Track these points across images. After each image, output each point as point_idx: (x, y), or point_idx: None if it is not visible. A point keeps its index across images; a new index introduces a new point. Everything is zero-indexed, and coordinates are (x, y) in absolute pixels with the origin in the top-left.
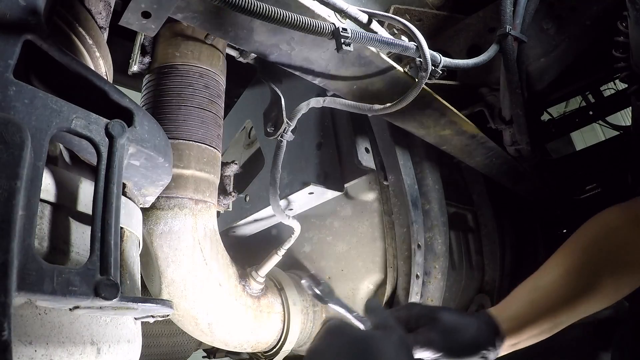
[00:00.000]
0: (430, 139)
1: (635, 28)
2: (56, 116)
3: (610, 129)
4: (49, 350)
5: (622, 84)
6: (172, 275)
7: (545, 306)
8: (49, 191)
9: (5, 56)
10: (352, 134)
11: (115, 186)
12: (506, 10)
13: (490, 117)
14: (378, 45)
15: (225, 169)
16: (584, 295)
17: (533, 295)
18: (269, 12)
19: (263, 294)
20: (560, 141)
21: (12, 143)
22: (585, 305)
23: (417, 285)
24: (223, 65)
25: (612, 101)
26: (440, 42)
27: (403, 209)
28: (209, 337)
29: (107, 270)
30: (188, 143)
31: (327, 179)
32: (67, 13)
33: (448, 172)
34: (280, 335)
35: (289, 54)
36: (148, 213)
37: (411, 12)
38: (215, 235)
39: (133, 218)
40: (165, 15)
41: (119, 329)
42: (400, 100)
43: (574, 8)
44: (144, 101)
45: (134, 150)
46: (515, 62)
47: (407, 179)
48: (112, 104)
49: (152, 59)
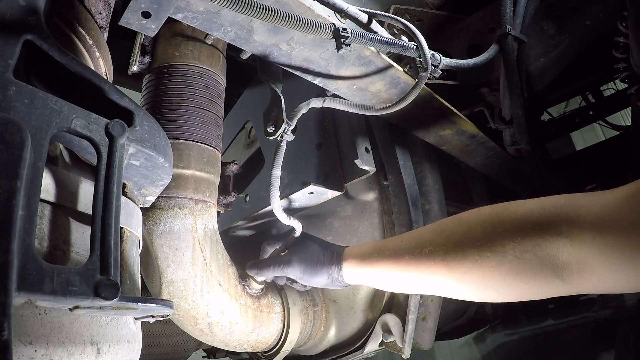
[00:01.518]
0: (430, 139)
1: (635, 28)
2: (56, 116)
3: (610, 129)
4: (49, 350)
5: (622, 84)
6: (172, 275)
7: (378, 255)
8: (49, 191)
9: (5, 56)
10: (352, 134)
11: (115, 186)
12: (506, 10)
13: (490, 117)
14: (378, 45)
15: (225, 169)
16: (413, 264)
17: (377, 246)
18: (269, 12)
19: (263, 294)
20: (560, 141)
21: (12, 143)
22: (410, 265)
23: None
24: (223, 65)
25: (612, 101)
26: (440, 42)
27: (403, 209)
28: (208, 337)
29: (107, 270)
30: (188, 143)
31: (327, 179)
32: (67, 13)
33: (448, 172)
34: (280, 335)
35: (289, 54)
36: (148, 213)
37: (411, 12)
38: (215, 235)
39: (133, 218)
40: (165, 15)
41: (119, 329)
42: (400, 100)
43: (574, 8)
44: (144, 101)
45: (134, 150)
46: (515, 62)
47: (407, 179)
48: (112, 104)
49: (152, 59)
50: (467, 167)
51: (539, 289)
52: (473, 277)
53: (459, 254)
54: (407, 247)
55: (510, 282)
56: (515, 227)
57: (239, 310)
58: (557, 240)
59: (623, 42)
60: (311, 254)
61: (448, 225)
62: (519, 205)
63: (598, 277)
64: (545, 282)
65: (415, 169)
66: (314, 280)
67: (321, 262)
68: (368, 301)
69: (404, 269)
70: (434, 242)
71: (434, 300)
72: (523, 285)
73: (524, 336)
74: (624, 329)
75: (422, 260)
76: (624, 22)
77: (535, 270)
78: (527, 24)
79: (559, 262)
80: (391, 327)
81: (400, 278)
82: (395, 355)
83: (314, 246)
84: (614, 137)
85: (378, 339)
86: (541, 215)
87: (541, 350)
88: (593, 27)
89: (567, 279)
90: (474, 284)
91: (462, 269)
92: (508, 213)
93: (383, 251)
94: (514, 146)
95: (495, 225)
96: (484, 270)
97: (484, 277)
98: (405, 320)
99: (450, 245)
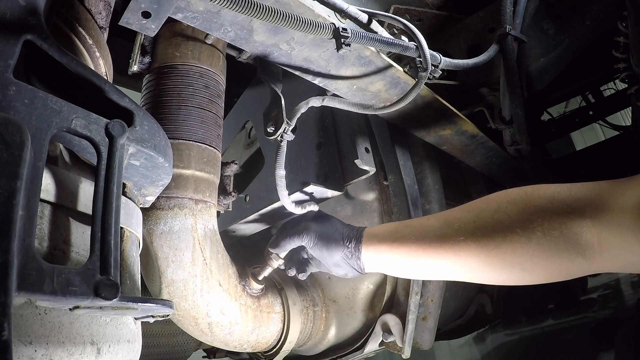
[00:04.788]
0: (430, 138)
1: (635, 28)
2: (56, 116)
3: (610, 129)
4: (49, 350)
5: (622, 84)
6: (172, 275)
7: (402, 236)
8: (49, 191)
9: (5, 56)
10: (352, 134)
11: (115, 186)
12: (506, 10)
13: (490, 117)
14: (378, 45)
15: (225, 169)
16: (439, 242)
17: (402, 225)
18: (269, 12)
19: (263, 294)
20: (560, 141)
21: (12, 143)
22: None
23: (417, 285)
24: (223, 65)
25: (612, 101)
26: (440, 42)
27: (403, 209)
28: (208, 337)
29: (107, 270)
30: (188, 143)
31: (327, 179)
32: (67, 13)
33: (448, 172)
34: (280, 335)
35: (289, 54)
36: (148, 213)
37: (411, 12)
38: (215, 235)
39: (133, 218)
40: (165, 15)
41: (119, 329)
42: (400, 100)
43: (574, 8)
44: (144, 101)
45: (134, 150)
46: (515, 62)
47: (407, 179)
48: (112, 104)
49: (152, 59)
50: (467, 167)
51: (564, 268)
52: (502, 254)
53: (488, 229)
54: (435, 224)
55: (537, 260)
56: (544, 206)
57: (239, 310)
58: (581, 220)
59: (623, 42)
60: (330, 224)
61: (477, 204)
62: (547, 187)
63: (617, 256)
64: (569, 260)
65: (415, 169)
66: (327, 254)
67: (339, 232)
68: (368, 301)
69: (429, 247)
70: (463, 219)
71: (434, 300)
72: (549, 264)
73: (524, 336)
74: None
75: (450, 236)
76: (624, 22)
77: (560, 248)
78: (527, 24)
79: (583, 241)
80: (391, 327)
81: (425, 256)
82: (395, 355)
83: (334, 220)
84: (614, 137)
85: (378, 339)
86: (568, 197)
87: (541, 350)
88: (593, 27)
89: (590, 258)
90: (501, 262)
91: (492, 244)
92: (537, 193)
93: (408, 227)
94: (514, 146)
95: (525, 203)
96: (513, 246)
97: (513, 254)
98: (405, 320)
99: (480, 221)
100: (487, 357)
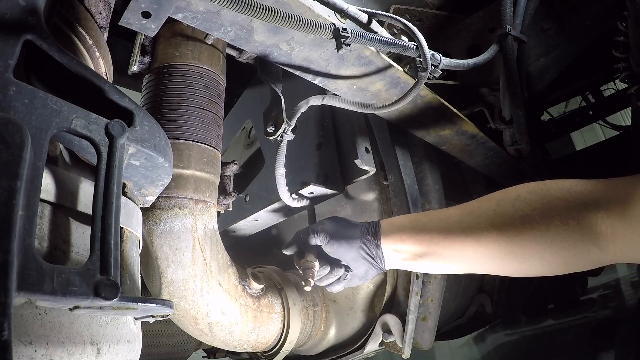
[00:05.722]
0: (430, 138)
1: (635, 28)
2: (56, 116)
3: (610, 129)
4: (49, 350)
5: (622, 84)
6: (172, 275)
7: (423, 224)
8: (49, 191)
9: (5, 56)
10: (352, 134)
11: (115, 186)
12: (506, 10)
13: (490, 117)
14: (378, 45)
15: (225, 169)
16: (461, 230)
17: (421, 215)
18: (269, 12)
19: (263, 294)
20: (560, 141)
21: (12, 143)
22: (458, 229)
23: (417, 285)
24: (223, 65)
25: (612, 101)
26: (440, 42)
27: (403, 209)
28: (208, 337)
29: (107, 270)
30: (188, 143)
31: (327, 179)
32: (67, 13)
33: (448, 172)
34: (280, 335)
35: (289, 54)
36: (148, 213)
37: (411, 12)
38: (215, 235)
39: (133, 218)
40: (165, 15)
41: (119, 329)
42: (400, 99)
43: (574, 8)
44: (144, 101)
45: (134, 150)
46: (515, 62)
47: (407, 179)
48: (112, 104)
49: (152, 59)
50: (467, 167)
51: (581, 258)
52: (522, 241)
53: (508, 217)
54: (455, 213)
55: (556, 250)
56: (562, 196)
57: (239, 310)
58: (596, 212)
59: (623, 42)
60: (345, 221)
61: (496, 195)
62: (564, 181)
63: (629, 246)
64: (586, 250)
65: (415, 169)
66: (345, 246)
67: (355, 225)
68: (368, 301)
69: (452, 234)
70: (482, 207)
71: (434, 300)
72: (567, 253)
73: (524, 336)
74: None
75: (471, 224)
76: (624, 22)
77: (577, 238)
78: (527, 24)
79: (597, 231)
80: (391, 327)
81: (447, 244)
82: (395, 355)
83: (349, 219)
84: (614, 137)
85: (378, 339)
86: (584, 189)
87: (541, 350)
88: (593, 27)
89: (605, 248)
90: (522, 250)
91: (512, 231)
92: (555, 185)
93: (428, 216)
94: (514, 146)
95: (543, 193)
96: (533, 234)
97: (532, 242)
98: (405, 320)
99: (500, 209)
100: (487, 357)
